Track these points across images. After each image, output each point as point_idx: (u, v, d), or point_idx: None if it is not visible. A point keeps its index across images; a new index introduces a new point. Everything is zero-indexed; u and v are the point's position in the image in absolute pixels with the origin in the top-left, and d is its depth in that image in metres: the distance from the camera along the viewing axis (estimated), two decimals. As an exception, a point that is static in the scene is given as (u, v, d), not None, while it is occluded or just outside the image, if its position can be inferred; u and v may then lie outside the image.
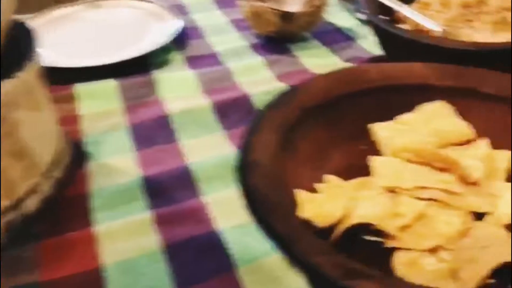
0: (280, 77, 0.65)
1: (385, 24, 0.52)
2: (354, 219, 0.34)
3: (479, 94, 0.43)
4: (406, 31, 0.49)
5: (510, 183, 0.39)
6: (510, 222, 0.36)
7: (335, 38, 0.74)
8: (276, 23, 0.69)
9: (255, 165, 0.35)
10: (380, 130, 0.43)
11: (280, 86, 0.62)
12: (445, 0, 0.60)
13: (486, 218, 0.37)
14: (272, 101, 0.42)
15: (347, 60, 0.68)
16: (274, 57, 0.70)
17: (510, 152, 0.41)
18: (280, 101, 0.42)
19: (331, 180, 0.39)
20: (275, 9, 0.67)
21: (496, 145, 0.42)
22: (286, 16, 0.68)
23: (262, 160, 0.36)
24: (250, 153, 0.36)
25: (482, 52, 0.45)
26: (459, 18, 0.59)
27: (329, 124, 0.44)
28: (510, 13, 0.58)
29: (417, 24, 0.58)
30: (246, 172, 0.34)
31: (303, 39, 0.74)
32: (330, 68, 0.66)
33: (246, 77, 0.65)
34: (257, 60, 0.69)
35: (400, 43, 0.51)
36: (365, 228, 0.36)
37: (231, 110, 0.59)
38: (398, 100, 0.45)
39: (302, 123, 0.42)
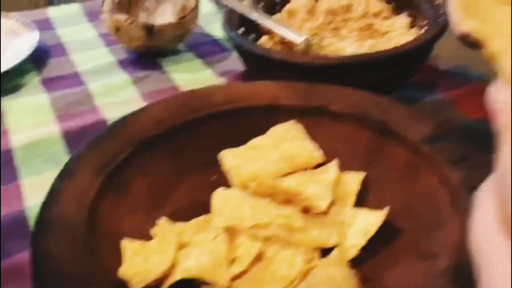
0: (146, 96, 0.60)
1: (238, 39, 0.48)
2: (177, 275, 0.30)
3: (328, 112, 0.40)
4: (258, 46, 0.45)
5: (362, 209, 0.36)
6: (358, 254, 0.33)
7: (210, 50, 0.70)
8: (141, 38, 0.63)
9: (56, 224, 0.29)
10: (229, 159, 0.40)
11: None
12: (311, 8, 0.57)
13: (333, 252, 0.34)
14: (95, 137, 0.37)
15: (221, 74, 0.63)
16: (142, 73, 0.64)
17: (360, 173, 0.38)
18: (106, 135, 0.37)
19: (163, 223, 0.35)
20: (135, 22, 0.62)
21: (347, 164, 0.39)
22: (150, 30, 0.63)
23: (68, 214, 0.30)
24: (53, 206, 0.30)
25: (328, 67, 0.43)
26: (326, 26, 0.57)
27: (171, 156, 0.39)
28: (376, 19, 0.56)
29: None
30: (41, 234, 0.28)
31: (175, 52, 0.69)
32: (202, 84, 0.61)
33: (108, 98, 0.59)
34: (123, 78, 0.63)
35: (254, 59, 0.47)
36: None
37: (85, 139, 0.53)
38: (248, 123, 0.41)
39: (134, 159, 0.37)
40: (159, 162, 0.39)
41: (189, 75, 0.64)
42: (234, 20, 0.54)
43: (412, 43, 0.45)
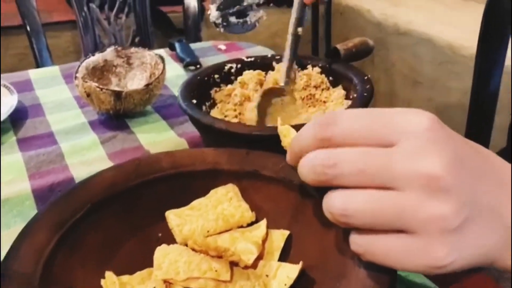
0: (112, 156, 0.66)
1: (189, 110, 0.55)
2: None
3: (261, 176, 0.46)
4: (205, 116, 0.52)
5: (284, 263, 0.42)
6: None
7: (174, 112, 0.77)
8: (110, 102, 0.70)
9: (14, 277, 0.35)
10: (173, 218, 0.45)
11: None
12: (260, 80, 0.65)
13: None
14: (55, 198, 0.42)
15: (181, 135, 0.70)
16: (110, 134, 0.71)
17: (285, 231, 0.44)
18: (65, 197, 0.43)
19: (109, 276, 0.40)
20: (105, 89, 0.69)
21: (275, 222, 0.45)
22: (118, 95, 0.69)
23: (26, 269, 0.36)
24: (12, 261, 0.36)
25: (263, 137, 0.49)
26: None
27: (122, 215, 0.45)
28: (317, 90, 0.64)
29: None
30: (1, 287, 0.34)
31: (143, 114, 0.76)
32: (163, 145, 0.68)
33: (77, 158, 0.65)
34: (92, 138, 0.70)
35: (201, 128, 0.54)
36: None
37: (53, 196, 0.58)
38: (192, 185, 0.47)
39: (88, 217, 0.43)
40: (111, 220, 0.44)
41: (153, 136, 0.70)
42: (191, 90, 0.61)
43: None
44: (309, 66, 0.65)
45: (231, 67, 0.67)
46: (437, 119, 0.31)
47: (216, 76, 0.66)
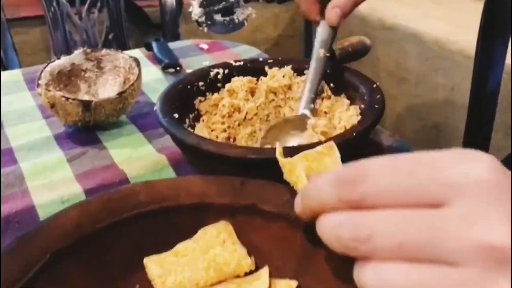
0: (81, 177, 0.57)
1: (169, 128, 0.46)
2: None
3: (260, 211, 0.38)
4: (190, 135, 0.44)
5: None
6: None
7: (152, 122, 0.68)
8: (78, 113, 0.61)
9: None
10: (153, 267, 0.37)
11: (78, 190, 0.54)
12: (251, 88, 0.56)
13: None
14: (6, 248, 0.34)
15: (161, 150, 0.61)
16: (79, 150, 0.62)
17: (292, 282, 0.36)
18: (18, 246, 0.34)
19: None
20: (71, 99, 0.60)
21: (279, 269, 0.37)
22: (87, 106, 0.60)
23: None
24: None
25: (262, 160, 0.41)
26: (268, 104, 0.56)
27: (90, 264, 0.36)
28: (316, 99, 0.55)
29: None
30: None
31: (116, 125, 0.67)
32: (140, 162, 0.60)
33: (40, 180, 0.56)
34: (57, 156, 0.60)
35: (186, 149, 0.46)
36: None
37: (12, 228, 0.50)
38: (175, 223, 0.39)
39: (48, 270, 0.34)
40: (77, 271, 0.36)
41: (128, 152, 0.61)
42: (171, 101, 0.52)
43: (350, 132, 0.44)
44: (307, 71, 0.57)
45: (218, 73, 0.58)
46: (498, 165, 0.24)
47: (201, 83, 0.57)
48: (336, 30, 0.55)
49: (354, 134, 0.43)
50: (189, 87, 0.56)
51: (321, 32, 0.54)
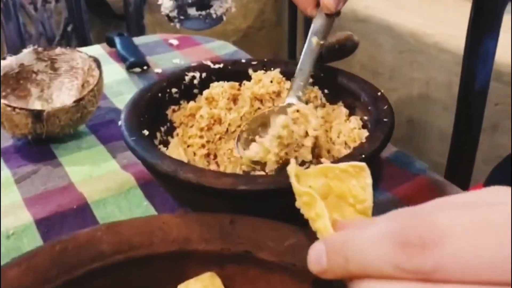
0: (31, 202, 0.48)
1: (138, 151, 0.37)
2: None
3: (254, 260, 0.31)
4: (164, 159, 0.35)
5: None
6: None
7: (116, 131, 0.58)
8: (27, 125, 0.51)
9: None
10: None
11: (28, 220, 0.45)
12: (233, 95, 0.48)
13: None
14: None
15: (126, 167, 0.52)
16: (29, 168, 0.52)
17: None
18: None
19: None
20: (18, 109, 0.50)
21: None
22: (38, 117, 0.51)
23: None
24: None
25: (254, 193, 0.33)
26: (254, 114, 0.48)
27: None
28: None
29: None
30: None
31: (73, 136, 0.57)
32: (103, 182, 0.50)
33: (-20, 207, 0.47)
34: (3, 175, 0.51)
35: (160, 177, 0.37)
36: None
37: None
38: (148, 278, 0.31)
39: None
40: None
41: (88, 169, 0.52)
42: (139, 113, 0.44)
43: (358, 154, 0.37)
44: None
45: (193, 77, 0.50)
46: None
47: (174, 90, 0.48)
48: (333, 20, 0.48)
49: (363, 156, 0.36)
50: (160, 95, 0.47)
51: (316, 21, 0.47)
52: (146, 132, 0.41)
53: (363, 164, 0.27)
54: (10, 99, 0.56)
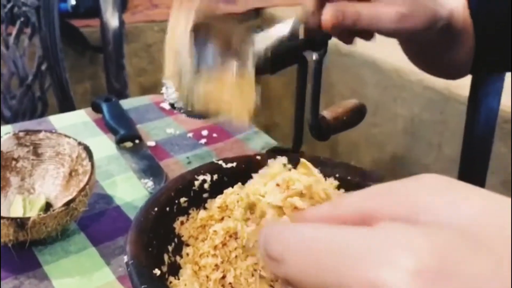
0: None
1: None
2: None
3: None
4: None
5: None
6: None
7: (109, 227, 0.52)
8: (7, 235, 0.44)
9: None
10: None
11: None
12: (250, 204, 0.42)
13: None
14: None
15: (123, 279, 0.46)
16: (10, 281, 0.45)
17: None
18: None
19: None
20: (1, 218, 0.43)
21: None
22: (21, 225, 0.44)
23: None
24: None
25: None
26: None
27: None
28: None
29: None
30: None
31: (61, 236, 0.50)
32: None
33: None
34: (-21, 295, 0.44)
35: None
36: None
37: None
38: None
39: None
40: None
41: (78, 282, 0.45)
42: (145, 242, 0.37)
43: None
44: (318, 174, 0.43)
45: (204, 181, 0.44)
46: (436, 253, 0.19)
47: (183, 200, 0.42)
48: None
49: None
50: (167, 209, 0.41)
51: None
52: (157, 272, 0.35)
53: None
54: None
